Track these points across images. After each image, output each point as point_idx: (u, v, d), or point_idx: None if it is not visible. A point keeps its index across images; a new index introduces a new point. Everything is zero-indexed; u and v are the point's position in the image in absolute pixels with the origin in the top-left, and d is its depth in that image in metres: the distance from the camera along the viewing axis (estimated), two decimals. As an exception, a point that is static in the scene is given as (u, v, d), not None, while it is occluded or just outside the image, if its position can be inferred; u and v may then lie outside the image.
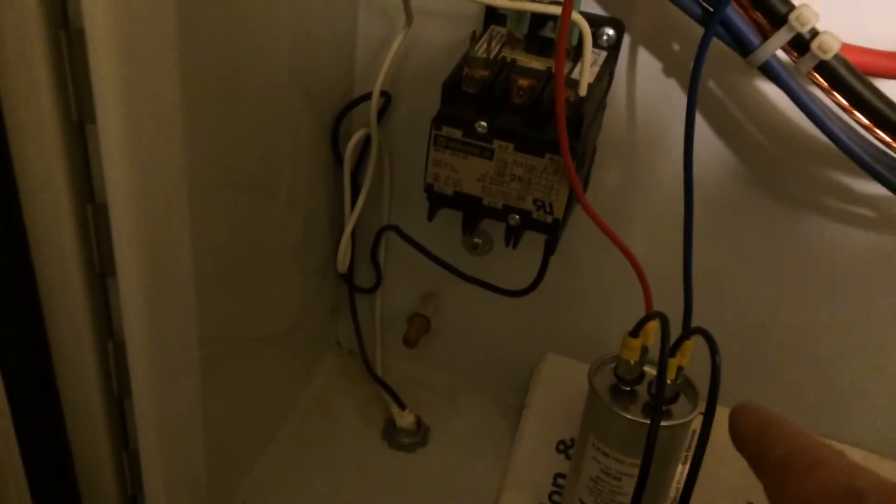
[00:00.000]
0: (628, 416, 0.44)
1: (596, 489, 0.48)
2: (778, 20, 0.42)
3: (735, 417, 0.28)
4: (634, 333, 0.44)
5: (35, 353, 0.36)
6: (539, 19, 0.48)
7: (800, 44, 0.42)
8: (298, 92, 0.51)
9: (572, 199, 0.47)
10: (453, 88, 0.46)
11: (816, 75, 0.43)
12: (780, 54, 0.44)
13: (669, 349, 0.42)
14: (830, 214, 0.53)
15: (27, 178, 0.31)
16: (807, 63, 0.43)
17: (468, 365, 0.70)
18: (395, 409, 0.65)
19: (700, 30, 0.44)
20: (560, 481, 0.56)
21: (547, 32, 0.49)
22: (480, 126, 0.45)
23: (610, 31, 0.50)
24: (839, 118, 0.44)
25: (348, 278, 0.64)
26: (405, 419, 0.65)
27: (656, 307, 0.44)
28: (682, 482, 0.55)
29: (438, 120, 0.46)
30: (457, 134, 0.46)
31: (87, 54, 0.30)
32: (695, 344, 0.43)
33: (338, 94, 0.57)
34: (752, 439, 0.27)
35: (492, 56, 0.48)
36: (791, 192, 0.53)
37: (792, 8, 0.42)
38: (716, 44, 0.44)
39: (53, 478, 0.40)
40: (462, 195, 0.48)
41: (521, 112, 0.45)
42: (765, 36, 0.43)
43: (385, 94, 0.56)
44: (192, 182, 0.36)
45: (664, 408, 0.45)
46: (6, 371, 0.35)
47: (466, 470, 0.63)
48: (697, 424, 0.58)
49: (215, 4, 0.39)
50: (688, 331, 0.45)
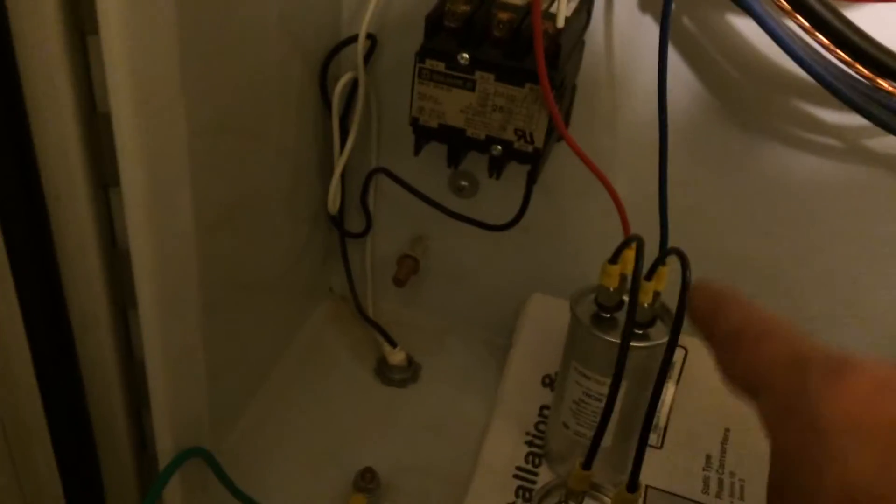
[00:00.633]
0: (607, 338, 0.46)
1: (578, 411, 0.49)
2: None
3: (692, 295, 0.29)
4: (613, 260, 0.46)
5: (42, 261, 0.37)
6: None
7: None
8: (287, 35, 0.52)
9: (552, 130, 0.49)
10: (436, 23, 0.48)
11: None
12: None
13: (646, 274, 0.43)
14: (799, 145, 0.54)
15: (33, 88, 0.33)
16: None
17: (457, 307, 0.71)
18: (387, 348, 0.66)
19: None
20: (545, 412, 0.57)
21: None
22: (463, 58, 0.47)
23: (587, -32, 0.51)
24: (803, 41, 0.46)
25: (339, 223, 0.65)
26: (396, 356, 0.66)
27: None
28: (672, 403, 0.57)
29: (422, 53, 0.48)
30: (440, 66, 0.48)
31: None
32: (672, 272, 0.44)
33: (325, 39, 0.58)
34: (706, 313, 0.27)
35: (472, -9, 0.49)
36: (761, 125, 0.55)
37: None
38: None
39: (62, 386, 0.42)
40: (446, 127, 0.50)
41: (502, 45, 0.47)
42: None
43: (371, 37, 0.57)
44: (187, 124, 0.37)
45: (641, 331, 0.46)
46: (18, 281, 0.36)
47: (456, 403, 0.65)
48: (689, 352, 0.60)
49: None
50: (663, 252, 0.46)
